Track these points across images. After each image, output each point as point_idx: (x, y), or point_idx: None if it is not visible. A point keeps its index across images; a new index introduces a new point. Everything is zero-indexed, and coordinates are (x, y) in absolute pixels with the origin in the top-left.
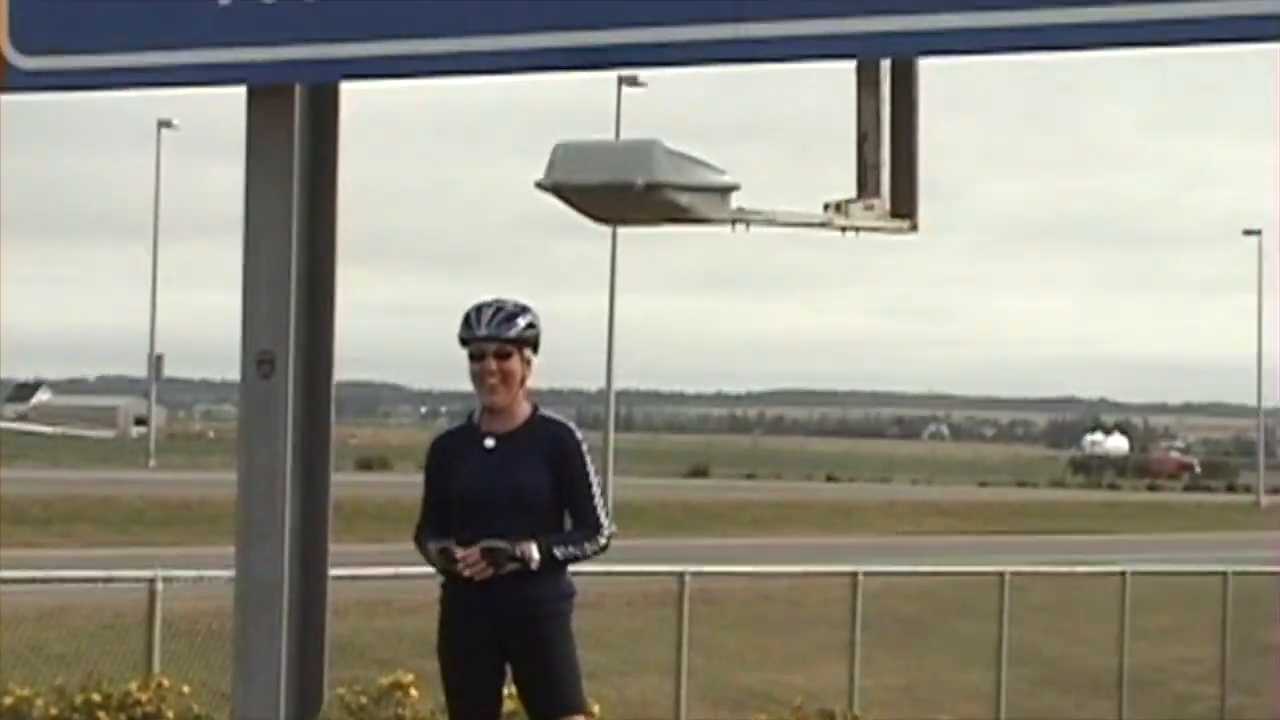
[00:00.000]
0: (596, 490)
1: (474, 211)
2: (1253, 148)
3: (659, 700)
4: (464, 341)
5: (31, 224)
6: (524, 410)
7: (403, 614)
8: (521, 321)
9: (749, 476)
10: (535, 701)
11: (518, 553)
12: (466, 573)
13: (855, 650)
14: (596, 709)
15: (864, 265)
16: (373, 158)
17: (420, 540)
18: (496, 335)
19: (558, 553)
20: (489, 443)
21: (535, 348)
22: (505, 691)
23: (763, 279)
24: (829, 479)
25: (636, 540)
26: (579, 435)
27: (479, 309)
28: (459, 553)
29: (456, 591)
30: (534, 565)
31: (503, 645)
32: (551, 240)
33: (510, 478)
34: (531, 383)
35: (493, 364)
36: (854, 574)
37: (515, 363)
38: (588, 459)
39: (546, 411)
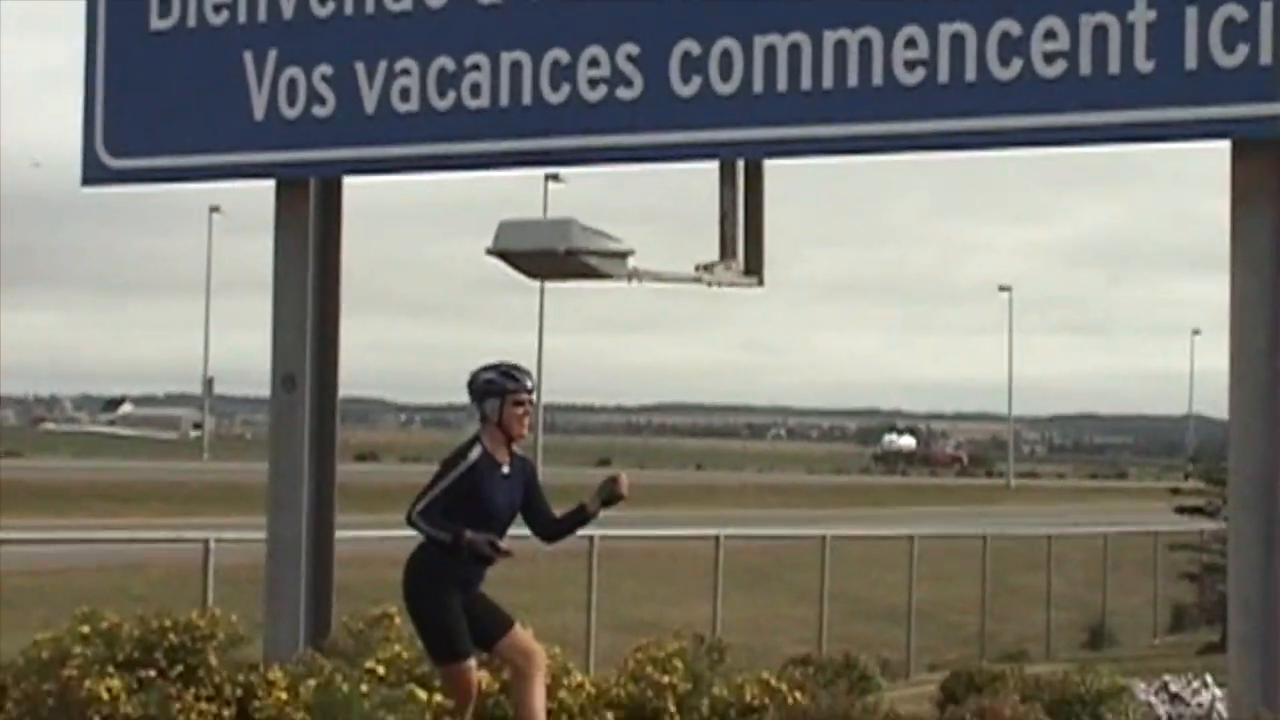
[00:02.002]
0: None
1: (438, 274)
2: (1003, 228)
3: (574, 629)
4: (507, 392)
5: (119, 284)
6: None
7: (387, 566)
8: None
9: (641, 466)
10: (493, 622)
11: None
12: (499, 558)
13: (717, 592)
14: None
15: (723, 313)
16: (365, 233)
17: (429, 517)
18: (533, 389)
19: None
20: (505, 470)
21: None
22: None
23: (650, 322)
24: (698, 468)
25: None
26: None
27: (517, 369)
28: (504, 545)
29: (451, 563)
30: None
31: (461, 597)
32: (495, 295)
33: (515, 500)
34: None
35: (529, 409)
36: (717, 537)
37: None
38: None
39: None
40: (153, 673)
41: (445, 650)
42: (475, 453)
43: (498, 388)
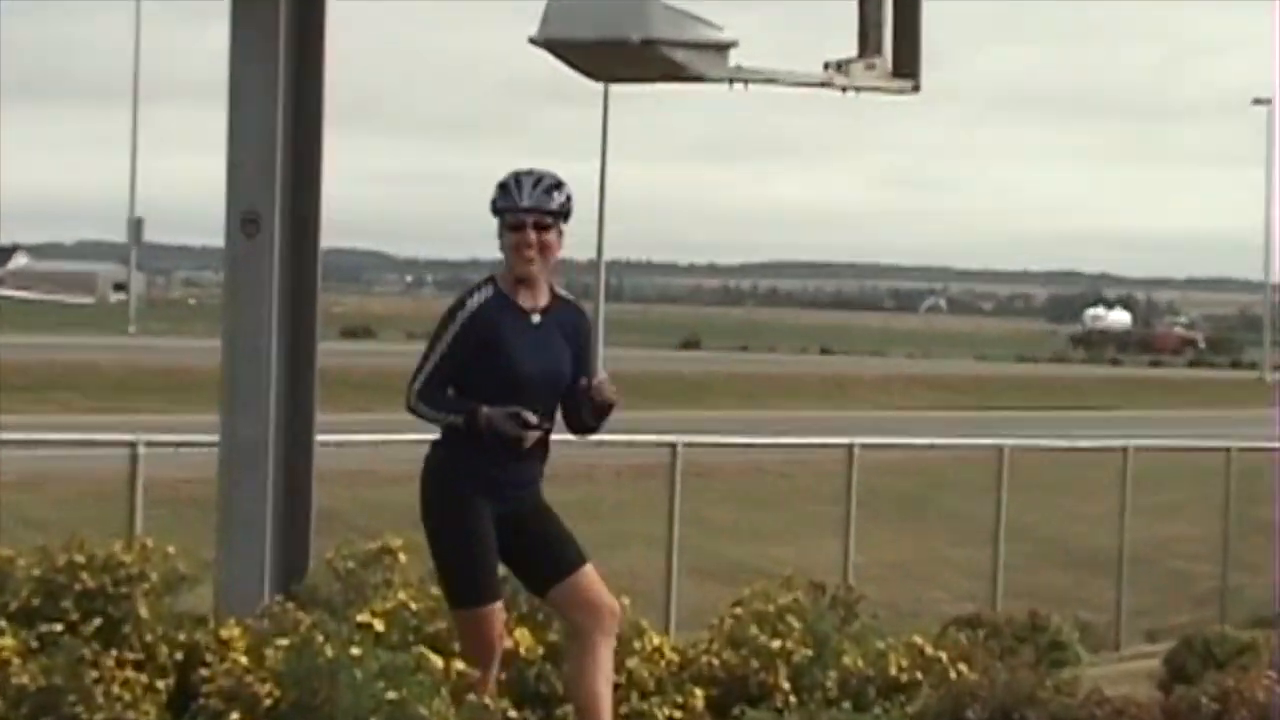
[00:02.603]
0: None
1: (462, 75)
2: (1254, 17)
3: (647, 574)
4: (502, 211)
5: (11, 87)
6: (545, 284)
7: (387, 483)
8: (560, 195)
9: (742, 349)
10: (554, 556)
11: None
12: (530, 434)
13: (850, 525)
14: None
15: (862, 134)
16: (358, 19)
17: (430, 396)
18: (537, 206)
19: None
20: (535, 319)
21: (568, 220)
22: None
23: (759, 147)
24: (823, 352)
25: (626, 412)
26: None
27: (518, 178)
28: (532, 419)
29: (473, 459)
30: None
31: (503, 511)
32: (540, 105)
33: (553, 360)
34: None
35: (532, 235)
36: (849, 446)
37: (553, 235)
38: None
39: (559, 289)
40: (59, 627)
41: (464, 586)
42: (480, 295)
43: (493, 206)
